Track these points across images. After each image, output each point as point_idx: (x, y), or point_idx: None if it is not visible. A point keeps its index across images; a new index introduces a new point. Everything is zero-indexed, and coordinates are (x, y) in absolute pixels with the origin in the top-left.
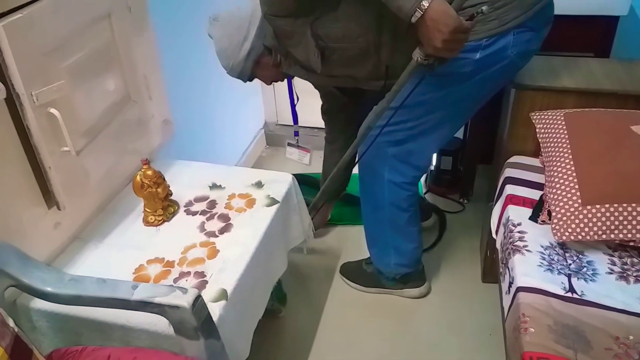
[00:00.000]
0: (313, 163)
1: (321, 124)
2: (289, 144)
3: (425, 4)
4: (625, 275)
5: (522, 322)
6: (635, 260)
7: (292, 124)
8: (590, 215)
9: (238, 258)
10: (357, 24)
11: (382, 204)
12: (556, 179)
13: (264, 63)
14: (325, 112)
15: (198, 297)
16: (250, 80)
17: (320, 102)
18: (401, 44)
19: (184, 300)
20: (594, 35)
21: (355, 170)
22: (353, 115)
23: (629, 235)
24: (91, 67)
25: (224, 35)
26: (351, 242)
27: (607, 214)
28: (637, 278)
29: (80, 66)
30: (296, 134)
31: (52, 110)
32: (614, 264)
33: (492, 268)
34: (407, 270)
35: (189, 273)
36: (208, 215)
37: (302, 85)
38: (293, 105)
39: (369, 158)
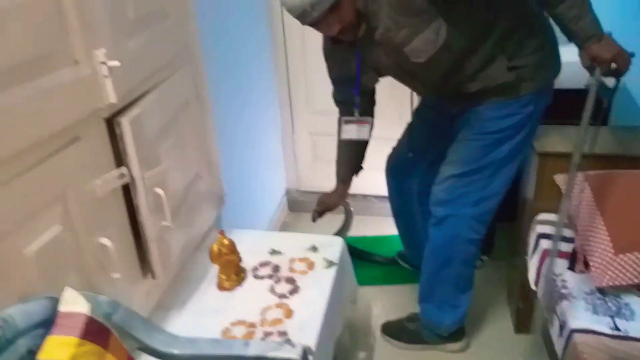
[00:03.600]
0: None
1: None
2: (346, 122)
3: None
4: None
5: (582, 359)
6: None
7: (313, 190)
8: (623, 263)
9: (312, 317)
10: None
11: (452, 261)
12: (589, 232)
13: (346, 3)
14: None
15: (306, 351)
16: (319, 20)
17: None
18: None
19: (295, 354)
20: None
21: (387, 232)
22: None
23: None
24: (178, 149)
25: None
26: (382, 302)
27: (637, 261)
28: None
29: (173, 149)
30: (357, 105)
31: (158, 190)
32: None
33: (526, 319)
34: (458, 326)
35: (272, 333)
36: (275, 278)
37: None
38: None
39: (447, 221)
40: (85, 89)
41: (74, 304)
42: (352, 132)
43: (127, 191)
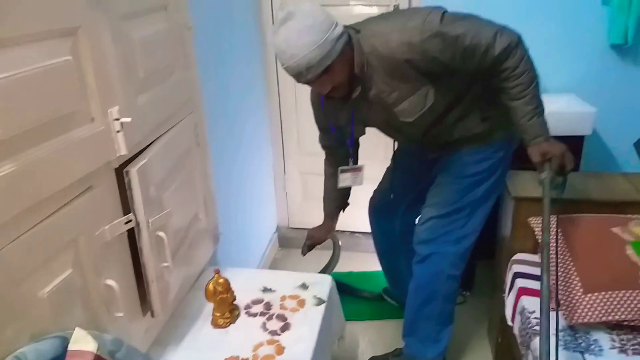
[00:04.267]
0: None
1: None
2: (342, 171)
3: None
4: (624, 349)
5: None
6: (629, 336)
7: (302, 227)
8: (591, 302)
9: (303, 353)
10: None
11: (435, 297)
12: (560, 273)
13: (345, 57)
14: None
15: None
16: (313, 81)
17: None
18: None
19: None
20: None
21: (373, 268)
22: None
23: (622, 316)
24: (180, 193)
25: (319, 10)
26: (369, 337)
27: (604, 300)
28: (634, 351)
29: (175, 194)
30: (351, 156)
31: (160, 234)
32: (614, 340)
33: (505, 353)
34: (440, 359)
35: None
36: (267, 315)
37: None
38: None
39: (430, 259)
40: (100, 143)
41: (83, 342)
42: (348, 180)
43: (130, 233)
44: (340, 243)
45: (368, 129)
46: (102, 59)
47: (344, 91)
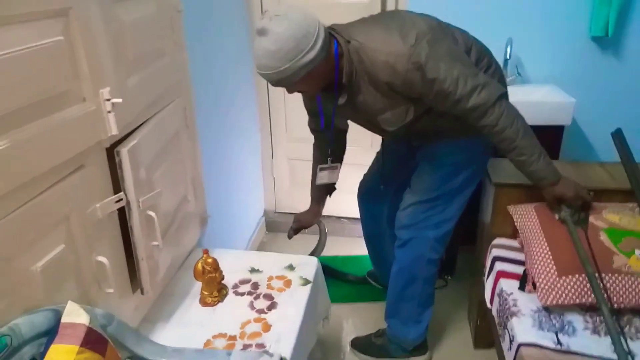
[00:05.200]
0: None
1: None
2: (321, 169)
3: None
4: (597, 330)
5: None
6: (601, 318)
7: (289, 211)
8: (565, 284)
9: (289, 331)
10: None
11: (416, 280)
12: (536, 257)
13: (315, 74)
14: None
15: None
16: (281, 85)
17: None
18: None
19: None
20: (546, 141)
21: (358, 252)
22: None
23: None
24: (169, 174)
25: (291, 37)
26: (353, 318)
27: (578, 282)
28: (607, 332)
29: (164, 175)
30: (330, 156)
31: (150, 213)
32: (587, 321)
33: (484, 334)
34: (421, 340)
35: (251, 345)
36: (254, 295)
37: None
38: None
39: (410, 243)
40: (91, 123)
41: (76, 315)
42: (324, 177)
43: (121, 213)
44: (326, 229)
45: None
46: (93, 40)
47: (319, 92)
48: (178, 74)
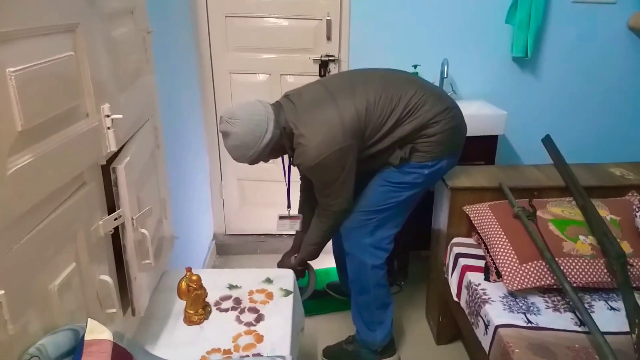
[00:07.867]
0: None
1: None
2: (281, 217)
3: None
4: (557, 308)
5: (507, 347)
6: (559, 297)
7: (239, 233)
8: (527, 270)
9: (281, 340)
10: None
11: (368, 286)
12: (497, 249)
13: (278, 145)
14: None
15: None
16: (257, 162)
17: None
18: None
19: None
20: (483, 149)
21: (326, 265)
22: None
23: (552, 281)
24: (150, 194)
25: (247, 132)
26: (321, 330)
27: (538, 268)
28: (565, 309)
29: (149, 193)
30: (288, 205)
31: (143, 230)
32: (547, 302)
33: (446, 331)
34: (389, 339)
35: (248, 356)
36: (239, 309)
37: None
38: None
39: (351, 254)
40: (94, 138)
41: (98, 332)
42: (286, 226)
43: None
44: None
45: None
46: (96, 55)
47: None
48: (151, 94)
